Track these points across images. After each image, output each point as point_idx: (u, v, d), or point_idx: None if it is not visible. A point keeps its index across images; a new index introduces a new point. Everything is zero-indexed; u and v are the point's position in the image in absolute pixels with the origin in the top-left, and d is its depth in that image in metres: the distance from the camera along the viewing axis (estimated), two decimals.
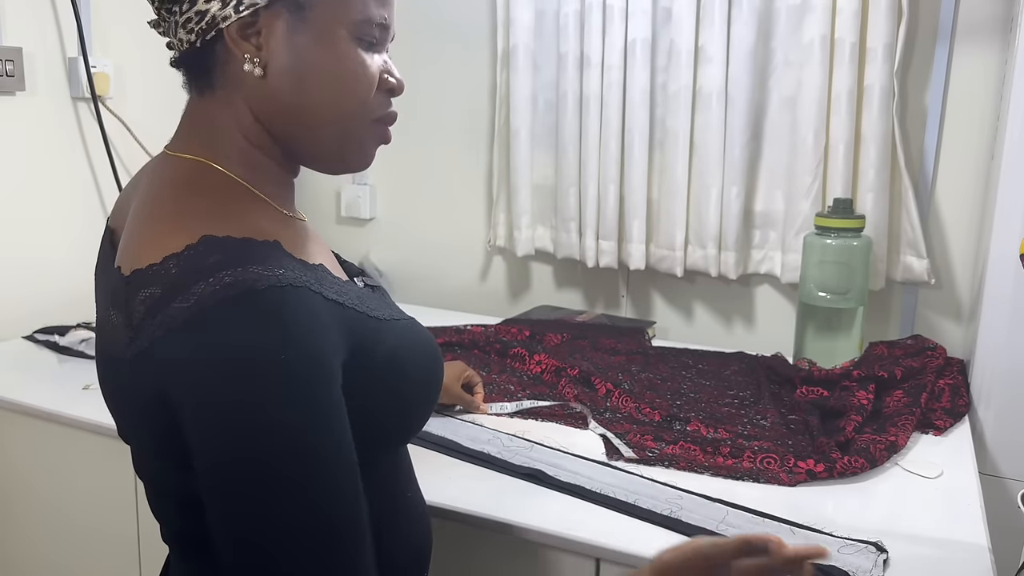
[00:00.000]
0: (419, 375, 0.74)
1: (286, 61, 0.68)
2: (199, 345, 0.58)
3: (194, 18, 0.67)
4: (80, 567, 1.34)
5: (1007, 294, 1.26)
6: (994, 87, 1.45)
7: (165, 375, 0.61)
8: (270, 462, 0.59)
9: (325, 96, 0.69)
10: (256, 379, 0.58)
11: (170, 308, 0.59)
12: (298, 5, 0.67)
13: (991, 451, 1.28)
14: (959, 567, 0.87)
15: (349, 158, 0.74)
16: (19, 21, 1.57)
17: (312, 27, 0.68)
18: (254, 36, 0.67)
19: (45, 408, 1.28)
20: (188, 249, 0.61)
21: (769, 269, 1.66)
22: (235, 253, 0.61)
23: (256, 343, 0.58)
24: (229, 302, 0.58)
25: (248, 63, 0.67)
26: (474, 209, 1.94)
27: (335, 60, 0.69)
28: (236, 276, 0.59)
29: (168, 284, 0.60)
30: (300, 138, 0.71)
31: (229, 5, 0.66)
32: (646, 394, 1.32)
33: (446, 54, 1.90)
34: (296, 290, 0.61)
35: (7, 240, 1.59)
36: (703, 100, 1.60)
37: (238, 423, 0.58)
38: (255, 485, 0.59)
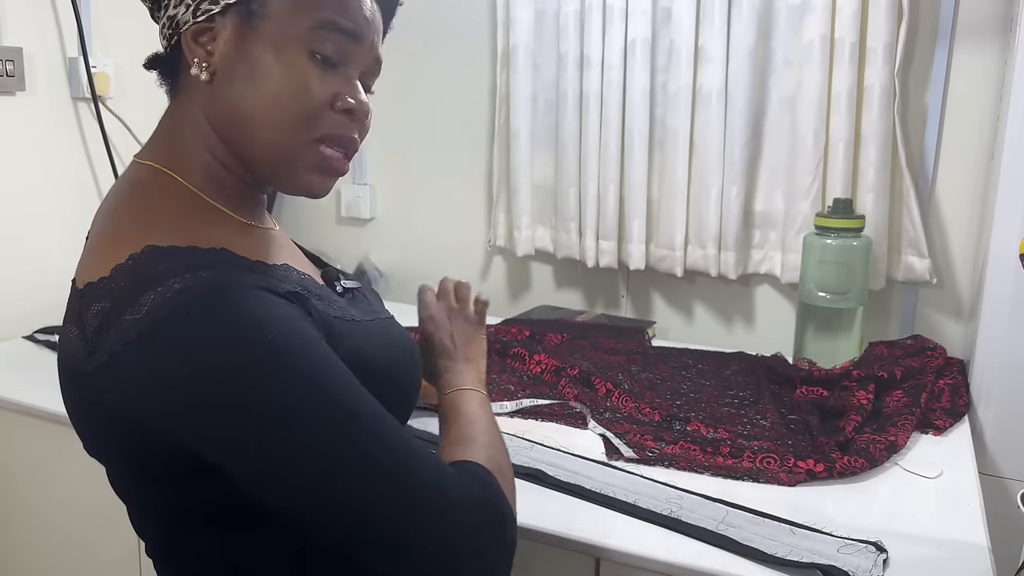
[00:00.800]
0: (386, 375, 0.73)
1: (232, 67, 0.67)
2: (162, 355, 0.58)
3: (167, 23, 0.69)
4: (80, 567, 1.34)
5: (1007, 294, 1.26)
6: (994, 87, 1.45)
7: (129, 389, 0.60)
8: (305, 436, 0.58)
9: (264, 105, 0.67)
10: (249, 360, 0.58)
11: (122, 321, 0.59)
12: (251, 12, 0.67)
13: (991, 451, 1.27)
14: (959, 567, 0.87)
15: (284, 176, 0.70)
16: (19, 21, 1.57)
17: (263, 37, 0.67)
18: (209, 42, 0.67)
19: (45, 408, 1.28)
20: (131, 259, 0.61)
21: (769, 269, 1.66)
22: (181, 261, 0.61)
23: (233, 329, 0.58)
24: (183, 308, 0.57)
25: (196, 67, 0.67)
26: (474, 209, 1.94)
27: (280, 70, 0.66)
28: (186, 283, 0.58)
29: (117, 297, 0.60)
30: (241, 146, 0.70)
31: (189, 10, 0.67)
32: (646, 394, 1.32)
33: (446, 54, 1.90)
34: (242, 287, 0.60)
35: (7, 240, 1.59)
36: (703, 100, 1.60)
37: (251, 407, 0.57)
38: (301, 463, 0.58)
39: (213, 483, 0.63)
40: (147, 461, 0.65)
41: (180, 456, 0.62)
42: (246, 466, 0.59)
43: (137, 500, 0.73)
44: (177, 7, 0.67)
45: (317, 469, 0.58)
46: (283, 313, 0.61)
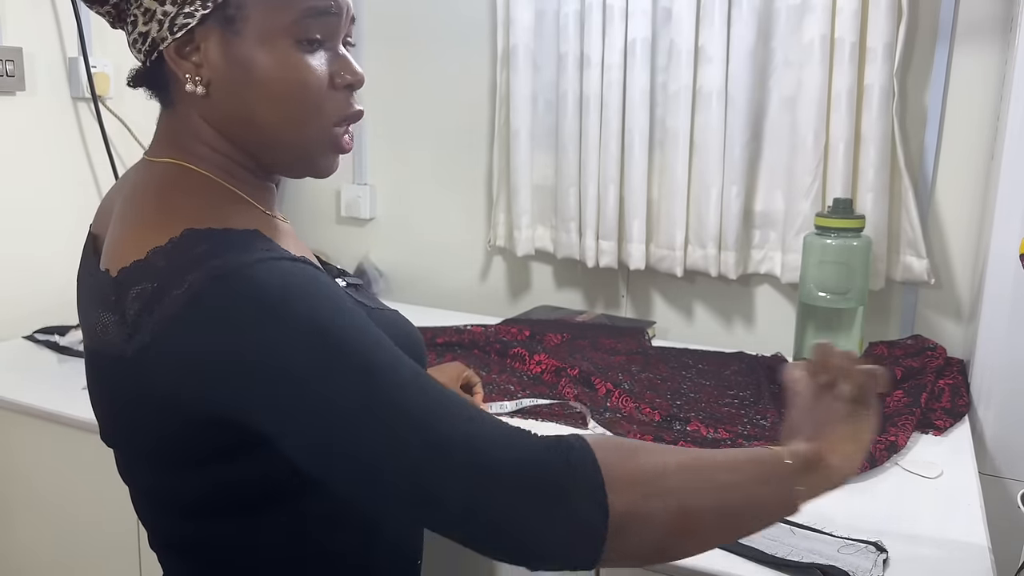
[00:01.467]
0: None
1: (226, 75, 0.67)
2: (205, 329, 0.58)
3: (139, 39, 0.68)
4: (80, 567, 1.34)
5: (1007, 294, 1.26)
6: (994, 87, 1.45)
7: (172, 367, 0.60)
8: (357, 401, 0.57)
9: (269, 104, 0.67)
10: (286, 328, 0.58)
11: (167, 298, 0.59)
12: (229, 19, 0.66)
13: (991, 451, 1.27)
14: (959, 567, 0.87)
15: (313, 164, 0.72)
16: (19, 21, 1.57)
17: (247, 38, 0.66)
18: (193, 54, 0.67)
19: (45, 408, 1.28)
20: (171, 242, 0.62)
21: (769, 269, 1.66)
22: (219, 242, 0.62)
23: (264, 302, 0.58)
24: (221, 281, 0.58)
25: (190, 83, 0.67)
26: (474, 209, 1.94)
27: (275, 68, 0.66)
28: (225, 261, 0.59)
29: (159, 277, 0.60)
30: (257, 148, 0.71)
31: (164, 27, 0.66)
32: (646, 394, 1.32)
33: (446, 54, 1.90)
34: (284, 261, 0.61)
35: (7, 240, 1.59)
36: (703, 100, 1.60)
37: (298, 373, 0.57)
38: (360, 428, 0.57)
39: (239, 464, 0.64)
40: (177, 444, 0.65)
41: (214, 434, 0.62)
42: (287, 428, 0.59)
43: (149, 488, 0.73)
44: (148, 24, 0.66)
45: (347, 422, 0.57)
46: (315, 284, 0.61)
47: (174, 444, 0.66)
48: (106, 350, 0.65)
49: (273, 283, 0.59)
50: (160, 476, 0.70)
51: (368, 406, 0.57)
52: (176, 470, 0.68)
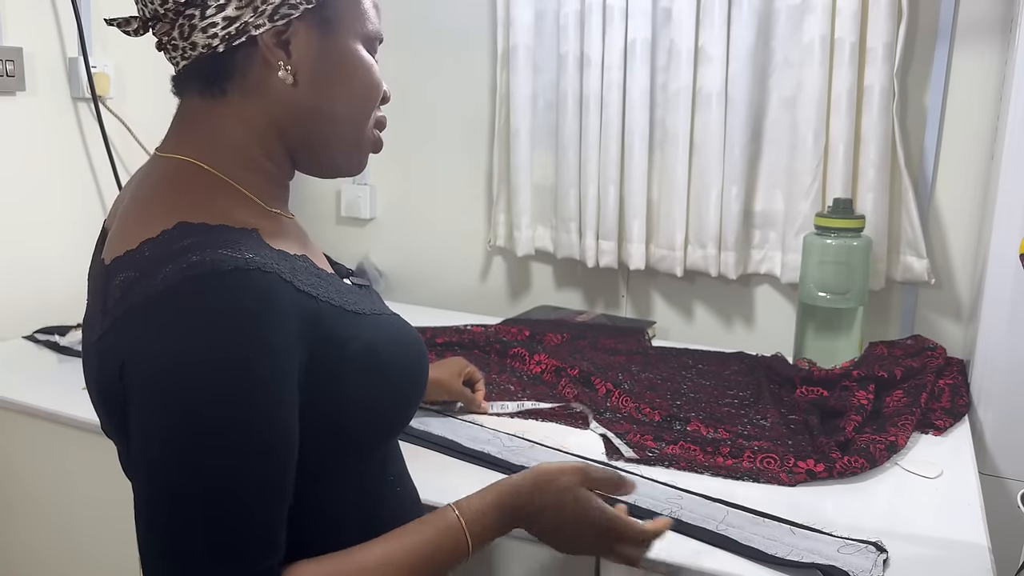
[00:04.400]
0: (399, 369, 0.74)
1: (314, 69, 0.71)
2: (154, 324, 0.60)
3: (220, 23, 0.67)
4: (80, 567, 1.34)
5: (1007, 294, 1.26)
6: (994, 87, 1.45)
7: (120, 352, 0.62)
8: (187, 451, 0.59)
9: (348, 102, 0.74)
10: (197, 364, 0.59)
11: (138, 288, 0.61)
12: (325, 18, 0.70)
13: (991, 451, 1.28)
14: (959, 567, 0.87)
15: (353, 163, 0.79)
16: (19, 21, 1.57)
17: (336, 38, 0.71)
18: (285, 45, 0.69)
19: (45, 408, 1.28)
20: (163, 234, 0.63)
21: (769, 269, 1.66)
22: (208, 237, 0.62)
23: (210, 320, 0.59)
24: (190, 281, 0.59)
25: (282, 71, 0.69)
26: (474, 209, 1.94)
27: (355, 69, 0.73)
28: (203, 257, 0.60)
29: (141, 267, 0.62)
30: (316, 144, 0.74)
31: (263, 15, 0.67)
32: (646, 394, 1.32)
33: (446, 54, 1.90)
34: (263, 275, 0.62)
35: (7, 240, 1.59)
36: (703, 100, 1.60)
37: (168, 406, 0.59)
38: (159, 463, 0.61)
39: None
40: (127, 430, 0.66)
41: None
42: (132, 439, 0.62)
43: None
44: (241, 9, 0.67)
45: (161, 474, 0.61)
46: (272, 315, 0.62)
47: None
48: (89, 336, 0.67)
49: (231, 299, 0.60)
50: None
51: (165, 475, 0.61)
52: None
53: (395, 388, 0.74)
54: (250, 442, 0.61)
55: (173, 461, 0.60)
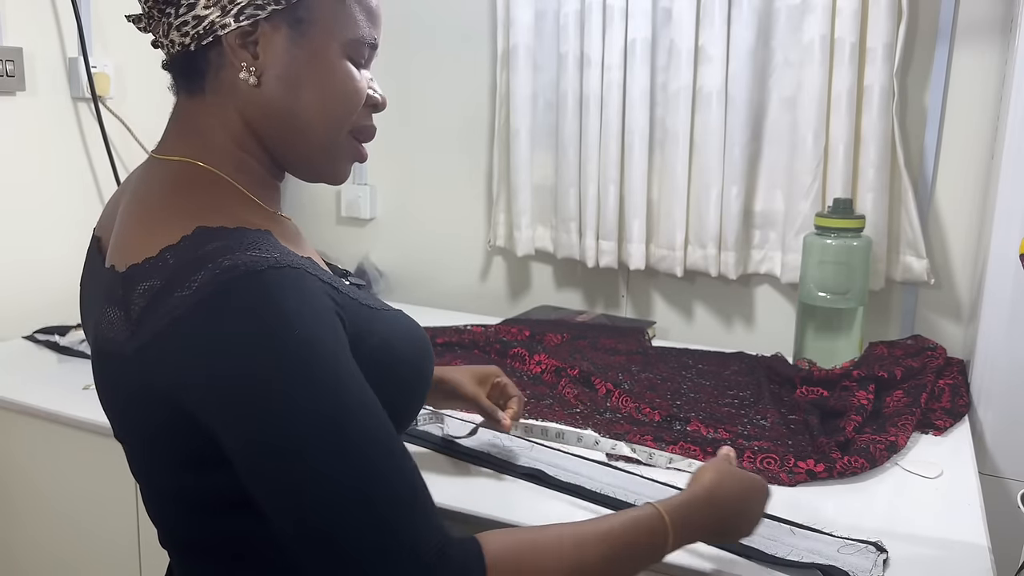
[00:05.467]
0: (408, 364, 0.75)
1: (281, 72, 0.69)
2: (207, 332, 0.59)
3: (190, 22, 0.68)
4: (80, 567, 1.34)
5: (1007, 294, 1.26)
6: (994, 87, 1.45)
7: (172, 367, 0.61)
8: (300, 437, 0.58)
9: (317, 107, 0.71)
10: (272, 357, 0.58)
11: (171, 298, 0.60)
12: (297, 19, 0.68)
13: (991, 451, 1.28)
14: (959, 567, 0.87)
15: (329, 170, 0.76)
16: (19, 21, 1.57)
17: (308, 41, 0.69)
18: (251, 45, 0.68)
19: (45, 408, 1.28)
20: (184, 240, 0.62)
21: (769, 269, 1.66)
22: (231, 240, 0.62)
23: (265, 322, 0.59)
24: (230, 285, 0.59)
25: (244, 71, 0.68)
26: (474, 209, 1.94)
27: (328, 73, 0.70)
28: (235, 260, 0.60)
29: (167, 275, 0.61)
30: (287, 146, 0.73)
31: (229, 13, 0.67)
32: (646, 394, 1.32)
33: (446, 54, 1.90)
34: (295, 271, 0.62)
35: (7, 240, 1.59)
36: (703, 100, 1.60)
37: (261, 402, 0.58)
38: (290, 459, 0.59)
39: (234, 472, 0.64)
40: (179, 445, 0.65)
41: (210, 441, 0.62)
42: (238, 452, 0.61)
43: (161, 486, 0.72)
44: (209, 8, 0.67)
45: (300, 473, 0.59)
46: (318, 307, 0.62)
47: (174, 442, 0.66)
48: (110, 347, 0.65)
49: (274, 298, 0.59)
50: (164, 474, 0.70)
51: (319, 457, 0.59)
52: (177, 469, 0.68)
53: (404, 383, 0.75)
54: (370, 416, 0.62)
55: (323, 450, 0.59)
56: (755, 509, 0.82)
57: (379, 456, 0.61)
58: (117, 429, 0.73)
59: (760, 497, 0.83)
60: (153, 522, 0.76)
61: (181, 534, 0.74)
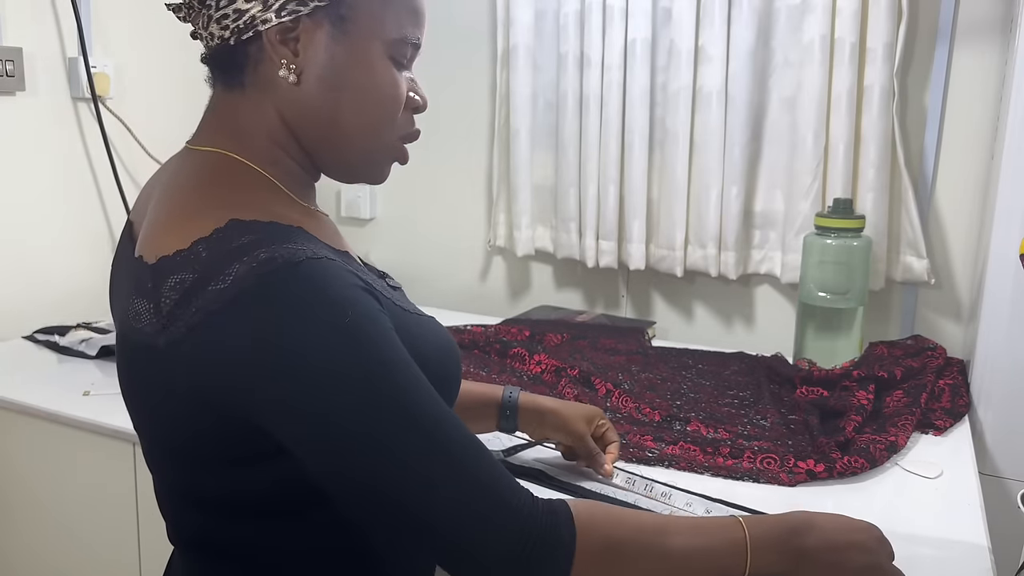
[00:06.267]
0: (436, 372, 0.73)
1: (321, 70, 0.68)
2: (248, 326, 0.58)
3: (231, 15, 0.67)
4: (80, 567, 1.34)
5: (1007, 294, 1.26)
6: (994, 87, 1.45)
7: (208, 363, 0.60)
8: (368, 423, 0.58)
9: (356, 109, 0.70)
10: (325, 346, 0.58)
11: (206, 292, 0.59)
12: (340, 17, 0.67)
13: (991, 451, 1.27)
14: (959, 567, 0.87)
15: (369, 171, 0.76)
16: (19, 21, 1.57)
17: (350, 40, 0.68)
18: (292, 42, 0.67)
19: (45, 408, 1.28)
20: (216, 232, 0.61)
21: (769, 269, 1.66)
22: (265, 233, 0.61)
23: (312, 311, 0.58)
24: (268, 278, 0.58)
25: (284, 68, 0.67)
26: (474, 209, 1.94)
27: (369, 74, 0.69)
28: (271, 252, 0.59)
29: (200, 268, 0.60)
30: (325, 147, 0.72)
31: (271, 9, 0.66)
32: (646, 394, 1.32)
33: (446, 54, 1.90)
34: (331, 262, 0.61)
35: (7, 240, 1.59)
36: (703, 100, 1.60)
37: (321, 389, 0.58)
38: (361, 444, 0.58)
39: (267, 468, 0.64)
40: (208, 440, 0.64)
41: (244, 434, 0.62)
42: (302, 440, 0.60)
43: (179, 482, 0.71)
44: (250, 2, 0.66)
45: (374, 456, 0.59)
46: (359, 295, 0.62)
47: (200, 441, 0.65)
48: (137, 338, 0.64)
49: (317, 288, 0.59)
50: (184, 470, 0.69)
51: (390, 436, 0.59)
52: (200, 466, 0.67)
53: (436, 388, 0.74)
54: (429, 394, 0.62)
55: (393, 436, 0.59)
56: (855, 560, 0.73)
57: (449, 431, 0.62)
58: (138, 420, 0.72)
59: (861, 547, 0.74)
60: (164, 516, 0.75)
61: (193, 531, 0.73)
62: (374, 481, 0.59)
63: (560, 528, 0.63)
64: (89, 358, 1.48)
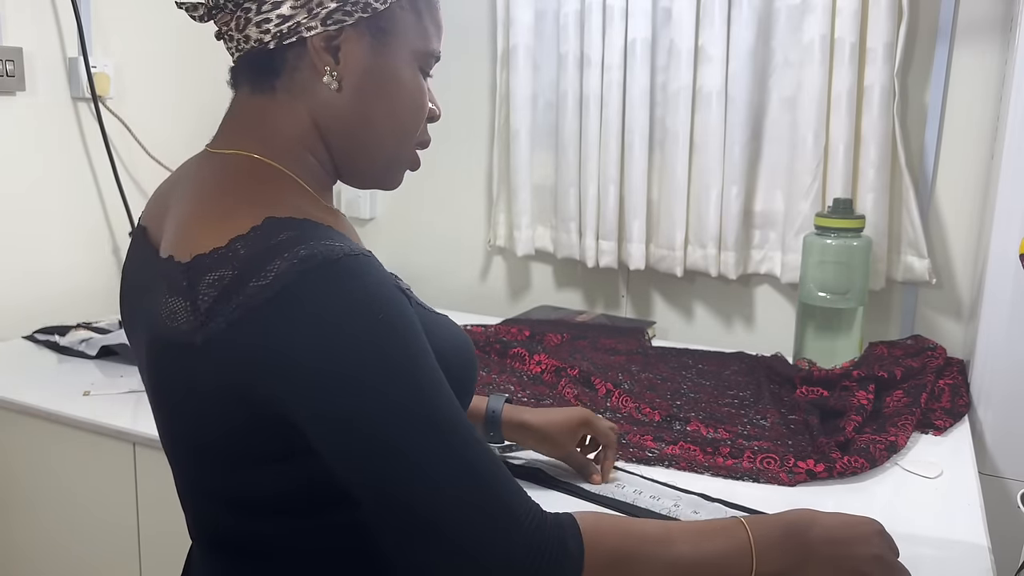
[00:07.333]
0: (454, 369, 0.74)
1: (359, 79, 0.70)
2: (290, 321, 0.59)
3: (274, 20, 0.68)
4: (80, 567, 1.34)
5: (1007, 294, 1.26)
6: (994, 87, 1.45)
7: (249, 359, 0.60)
8: (390, 421, 0.59)
9: (389, 117, 0.73)
10: (361, 342, 0.59)
11: (246, 288, 0.59)
12: (380, 29, 0.70)
13: (991, 451, 1.27)
14: (959, 567, 0.87)
15: (388, 177, 0.78)
16: (19, 21, 1.57)
17: (388, 51, 0.71)
18: (334, 51, 0.69)
19: (45, 408, 1.28)
20: (254, 230, 0.62)
21: (769, 269, 1.66)
22: (302, 230, 0.62)
23: (352, 307, 0.59)
24: (310, 274, 0.59)
25: (327, 76, 0.69)
26: (474, 209, 1.94)
27: (402, 84, 0.72)
28: (310, 249, 0.60)
29: (239, 265, 0.60)
30: (354, 153, 0.74)
31: (316, 17, 0.67)
32: (646, 394, 1.32)
33: (446, 54, 1.88)
34: (367, 258, 0.63)
35: (7, 240, 1.59)
36: (703, 100, 1.60)
37: (352, 389, 0.59)
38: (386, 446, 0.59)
39: (293, 468, 0.65)
40: (239, 438, 0.65)
41: (277, 431, 0.62)
42: (328, 433, 0.61)
43: (200, 479, 0.71)
44: (296, 9, 0.67)
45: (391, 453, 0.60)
46: (395, 294, 0.63)
47: (232, 438, 0.65)
48: (171, 336, 0.63)
49: (356, 284, 0.60)
50: (209, 468, 0.69)
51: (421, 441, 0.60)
52: (227, 464, 0.67)
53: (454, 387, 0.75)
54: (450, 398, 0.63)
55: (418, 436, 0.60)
56: (858, 553, 0.74)
57: (466, 437, 0.62)
58: (162, 417, 0.71)
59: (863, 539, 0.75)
60: (185, 511, 0.75)
61: (213, 529, 0.73)
62: (384, 480, 0.60)
63: (567, 542, 0.64)
64: (89, 358, 1.48)
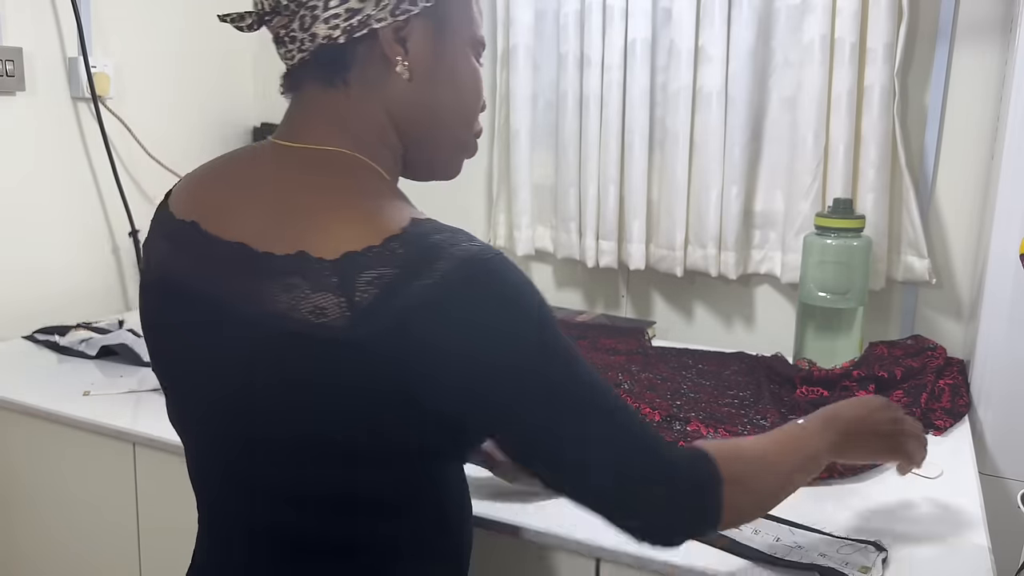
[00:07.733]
0: None
1: (427, 67, 0.72)
2: (464, 319, 0.62)
3: (343, 15, 0.69)
4: (80, 567, 1.34)
5: (1007, 294, 1.26)
6: (994, 87, 1.45)
7: (416, 356, 0.62)
8: (568, 394, 0.65)
9: (455, 103, 0.76)
10: (531, 335, 0.64)
11: (412, 287, 0.61)
12: (441, 17, 0.72)
13: (991, 451, 1.27)
14: (959, 567, 0.87)
15: (452, 165, 0.82)
16: (19, 21, 1.57)
17: (449, 38, 0.73)
18: (403, 41, 0.70)
19: (45, 408, 1.28)
20: (406, 231, 0.64)
21: (769, 269, 1.66)
22: (449, 231, 0.65)
23: (518, 304, 0.64)
24: (474, 274, 0.62)
25: (400, 66, 0.71)
26: (474, 209, 1.94)
27: (463, 70, 0.75)
28: (466, 249, 0.63)
29: (401, 264, 0.62)
30: (424, 142, 0.76)
31: (385, 8, 0.69)
32: (646, 394, 1.32)
33: None
34: (505, 256, 0.66)
35: (7, 240, 1.59)
36: (703, 100, 1.60)
37: (535, 378, 0.63)
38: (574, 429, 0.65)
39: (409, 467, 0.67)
40: (377, 434, 0.65)
41: (423, 427, 0.65)
42: (511, 432, 0.66)
43: (282, 477, 0.69)
44: (363, 2, 0.68)
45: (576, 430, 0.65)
46: (534, 286, 0.67)
47: (372, 435, 0.65)
48: (315, 332, 0.62)
49: (511, 280, 0.64)
50: (316, 464, 0.67)
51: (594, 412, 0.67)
52: (350, 460, 0.66)
53: None
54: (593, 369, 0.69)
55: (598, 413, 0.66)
56: (877, 417, 0.88)
57: (615, 398, 0.68)
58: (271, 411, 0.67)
59: (878, 409, 0.89)
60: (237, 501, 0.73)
61: (283, 529, 0.71)
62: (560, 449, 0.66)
63: (708, 474, 0.70)
64: (89, 358, 1.48)
